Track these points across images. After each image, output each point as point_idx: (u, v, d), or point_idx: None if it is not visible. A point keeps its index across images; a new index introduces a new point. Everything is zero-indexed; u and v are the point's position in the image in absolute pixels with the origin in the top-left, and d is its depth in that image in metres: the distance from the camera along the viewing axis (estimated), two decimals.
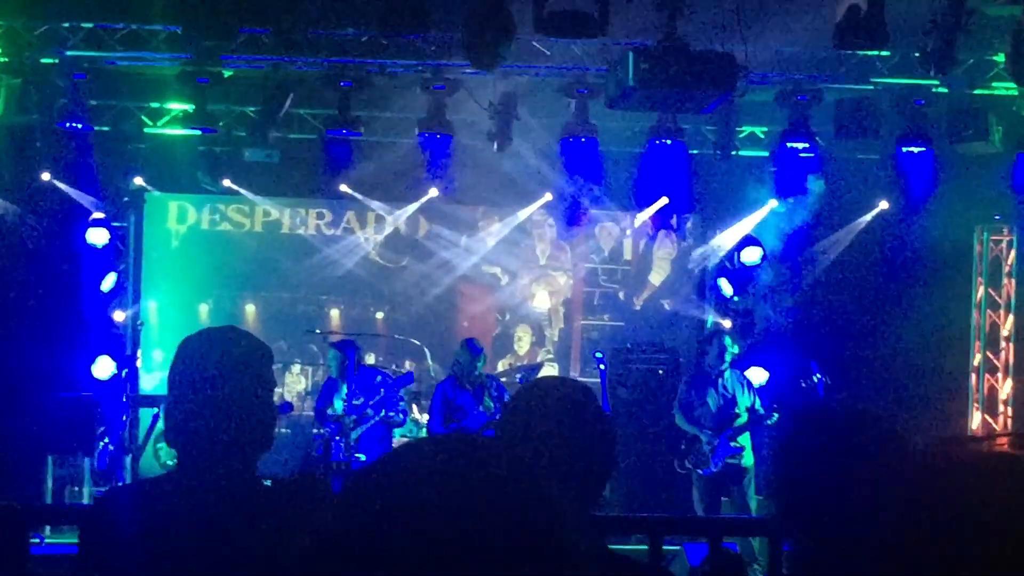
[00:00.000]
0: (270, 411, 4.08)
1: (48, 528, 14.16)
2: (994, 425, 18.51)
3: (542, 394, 3.81)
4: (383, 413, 14.83)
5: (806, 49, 15.58)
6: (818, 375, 15.29)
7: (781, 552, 7.02)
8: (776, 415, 14.63)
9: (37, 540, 11.63)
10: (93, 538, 4.05)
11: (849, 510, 3.27)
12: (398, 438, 15.55)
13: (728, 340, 15.08)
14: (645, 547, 7.99)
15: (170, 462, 11.56)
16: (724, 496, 15.14)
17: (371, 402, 14.81)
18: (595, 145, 16.64)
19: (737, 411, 14.87)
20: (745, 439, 14.84)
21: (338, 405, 14.89)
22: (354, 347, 15.19)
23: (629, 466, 16.73)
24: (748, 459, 14.80)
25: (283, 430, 17.16)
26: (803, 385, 15.20)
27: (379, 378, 15.37)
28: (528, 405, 3.76)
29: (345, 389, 14.98)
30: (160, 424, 12.34)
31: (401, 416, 15.18)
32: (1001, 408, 18.65)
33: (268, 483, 4.44)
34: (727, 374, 14.99)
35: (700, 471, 14.96)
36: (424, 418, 16.52)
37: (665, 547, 12.42)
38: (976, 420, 18.56)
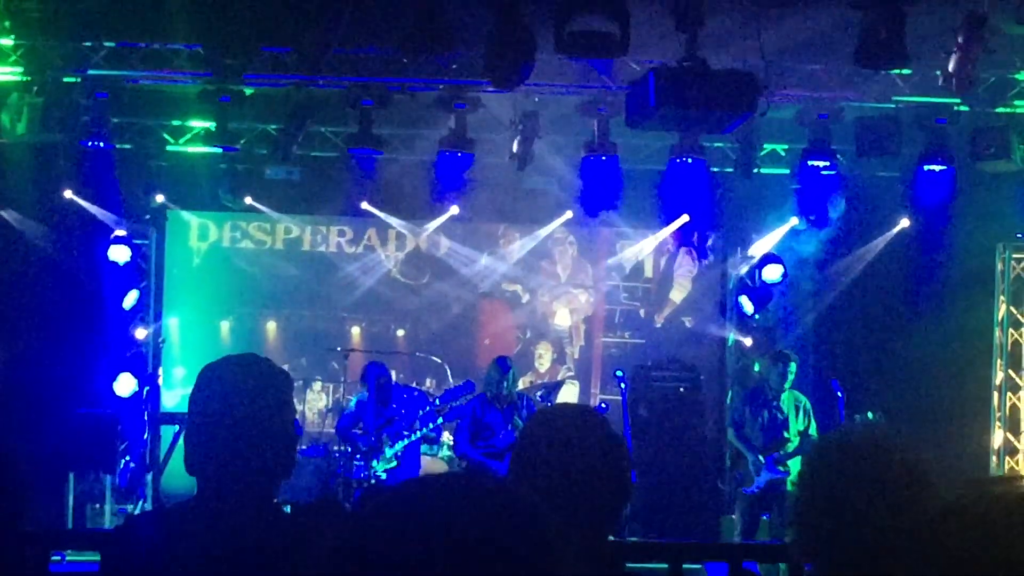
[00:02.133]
0: (290, 438, 4.08)
1: None
2: (1016, 443, 18.44)
3: (554, 423, 3.82)
4: (424, 430, 14.87)
5: (827, 67, 15.58)
6: (839, 393, 15.28)
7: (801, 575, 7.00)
8: None
9: (58, 558, 11.65)
10: (113, 567, 4.07)
11: (867, 543, 3.28)
12: (426, 453, 15.65)
13: (793, 366, 15.01)
14: (665, 564, 7.98)
15: None
16: (764, 516, 15.08)
17: (418, 417, 14.84)
18: (616, 163, 16.65)
19: (787, 435, 14.82)
20: (794, 464, 14.71)
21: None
22: (372, 369, 15.22)
23: (650, 484, 16.71)
24: None
25: (303, 446, 17.19)
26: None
27: (416, 394, 15.42)
28: (540, 434, 3.77)
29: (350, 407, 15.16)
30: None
31: (434, 433, 15.22)
32: (1023, 427, 18.59)
33: (287, 509, 4.46)
34: (784, 396, 14.95)
35: (743, 490, 14.93)
36: (446, 436, 16.53)
37: (687, 565, 12.46)
38: (998, 438, 18.49)
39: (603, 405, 16.57)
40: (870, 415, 15.21)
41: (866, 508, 3.32)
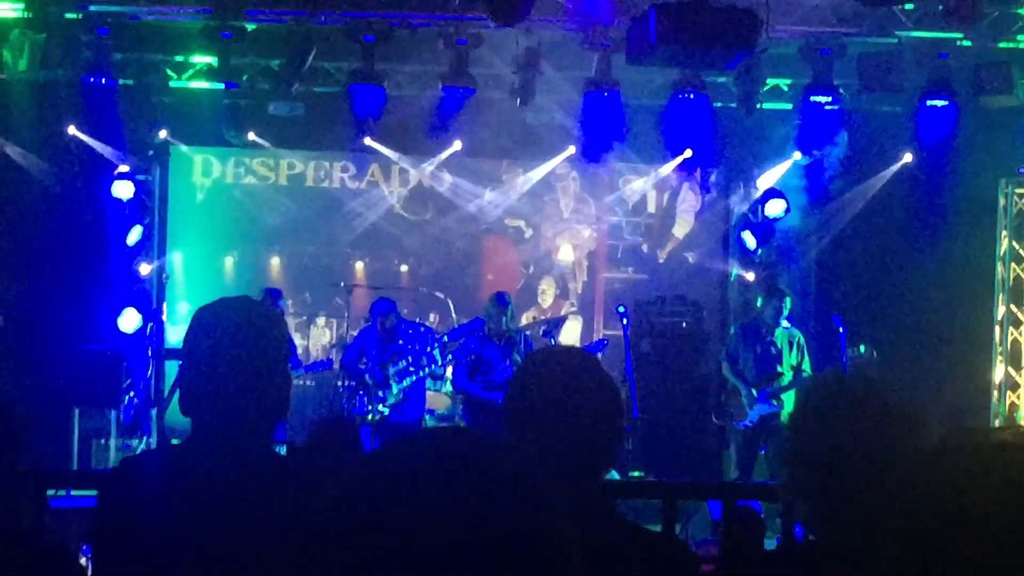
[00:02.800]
0: (284, 379, 4.11)
1: None
2: (1017, 378, 18.49)
3: (547, 365, 3.82)
4: (432, 367, 14.89)
5: (829, 2, 15.51)
6: (841, 328, 15.31)
7: (792, 514, 7.05)
8: None
9: (64, 492, 11.70)
10: (109, 506, 4.11)
11: (858, 485, 3.31)
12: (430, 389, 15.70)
13: (788, 300, 15.06)
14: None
15: None
16: (760, 450, 15.15)
17: (425, 354, 14.86)
18: (618, 98, 16.61)
19: (780, 369, 14.88)
20: (788, 397, 14.80)
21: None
22: (379, 305, 15.22)
23: (652, 419, 16.76)
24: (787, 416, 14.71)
25: (308, 383, 17.27)
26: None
27: (423, 331, 15.43)
28: (533, 377, 3.77)
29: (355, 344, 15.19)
30: None
31: (442, 370, 15.25)
32: None
33: (283, 451, 4.51)
34: (778, 331, 15.00)
35: (736, 424, 15.01)
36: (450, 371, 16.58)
37: (689, 500, 12.52)
38: (1000, 373, 18.54)
39: (604, 340, 16.59)
40: (862, 348, 15.24)
41: (857, 449, 3.34)
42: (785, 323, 15.39)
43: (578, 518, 1.87)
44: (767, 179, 18.29)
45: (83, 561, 4.96)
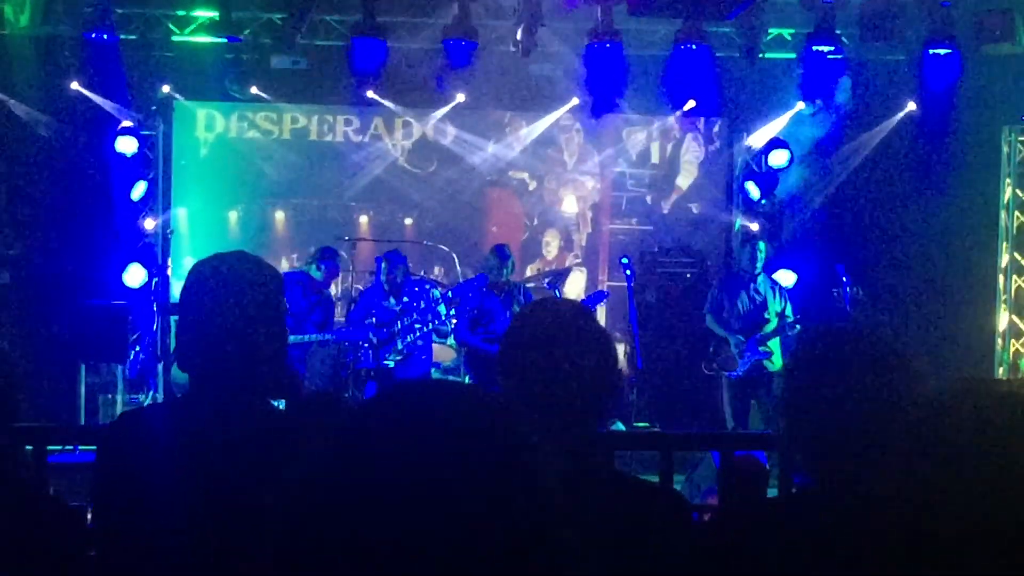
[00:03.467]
0: (279, 333, 4.12)
1: None
2: (1021, 326, 18.50)
3: (536, 319, 3.82)
4: (436, 323, 14.91)
5: None
6: (844, 278, 15.31)
7: (790, 463, 7.08)
8: (799, 327, 14.69)
9: (71, 448, 11.75)
10: (107, 460, 4.14)
11: (855, 436, 3.33)
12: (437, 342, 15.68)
13: (762, 245, 15.12)
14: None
15: None
16: (752, 399, 15.21)
17: (428, 312, 14.86)
18: (620, 49, 16.59)
19: (767, 316, 14.94)
20: (775, 344, 14.90)
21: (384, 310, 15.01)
22: (384, 259, 15.22)
23: (656, 370, 16.79)
24: (777, 363, 14.83)
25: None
26: (834, 294, 15.22)
27: (428, 286, 15.44)
28: (523, 330, 3.78)
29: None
30: None
31: (447, 326, 15.25)
32: None
33: (280, 405, 4.53)
34: (760, 279, 15.06)
35: (727, 374, 15.05)
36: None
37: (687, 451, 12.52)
38: (1003, 321, 18.55)
39: (603, 292, 16.61)
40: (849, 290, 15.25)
41: (854, 397, 3.35)
42: (789, 274, 15.42)
43: (569, 469, 1.90)
44: (770, 129, 18.25)
45: (89, 516, 4.99)
